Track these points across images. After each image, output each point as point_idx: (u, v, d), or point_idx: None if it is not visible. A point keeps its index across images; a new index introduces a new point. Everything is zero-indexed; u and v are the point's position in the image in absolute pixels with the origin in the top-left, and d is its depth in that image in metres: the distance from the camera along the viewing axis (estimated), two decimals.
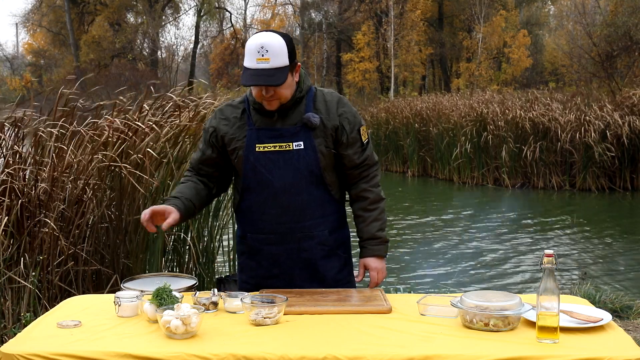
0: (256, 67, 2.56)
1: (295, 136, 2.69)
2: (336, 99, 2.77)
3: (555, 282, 2.13)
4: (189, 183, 2.83)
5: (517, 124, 14.11)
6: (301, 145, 2.69)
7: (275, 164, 2.70)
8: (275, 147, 2.70)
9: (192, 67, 39.85)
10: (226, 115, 2.78)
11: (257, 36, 2.61)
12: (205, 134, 2.82)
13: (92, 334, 2.22)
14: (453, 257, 8.37)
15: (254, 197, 2.77)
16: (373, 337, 2.18)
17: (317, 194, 2.75)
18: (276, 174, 2.71)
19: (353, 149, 2.76)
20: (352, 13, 37.67)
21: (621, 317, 5.00)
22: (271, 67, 2.56)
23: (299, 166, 2.70)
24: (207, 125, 2.83)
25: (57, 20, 38.62)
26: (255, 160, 2.71)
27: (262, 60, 2.55)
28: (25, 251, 4.08)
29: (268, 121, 2.71)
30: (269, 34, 2.60)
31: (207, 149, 2.82)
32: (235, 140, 2.74)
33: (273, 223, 2.75)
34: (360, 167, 2.79)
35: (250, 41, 2.60)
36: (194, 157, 2.88)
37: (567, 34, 29.52)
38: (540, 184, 13.82)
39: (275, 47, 2.56)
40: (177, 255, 4.99)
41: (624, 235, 9.76)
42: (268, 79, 2.56)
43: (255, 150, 2.71)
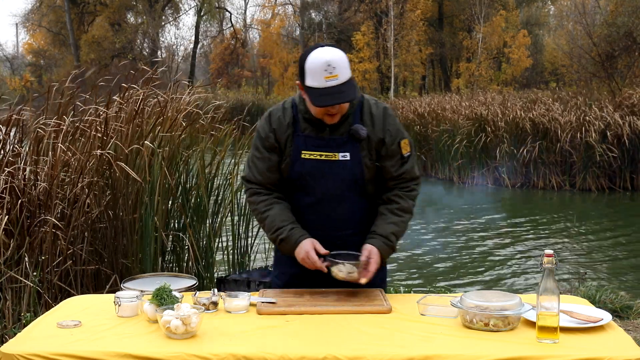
0: (326, 86, 2.52)
1: (342, 147, 2.69)
2: (382, 111, 2.75)
3: (555, 282, 2.13)
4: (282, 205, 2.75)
5: (517, 124, 14.11)
6: (347, 157, 2.69)
7: (320, 172, 2.70)
8: (322, 156, 2.69)
9: (192, 67, 39.85)
10: (278, 120, 2.74)
11: (319, 54, 2.54)
12: (262, 141, 2.75)
13: (92, 334, 2.22)
14: (453, 257, 8.37)
15: (296, 202, 2.78)
16: (373, 337, 2.19)
17: (358, 204, 2.77)
18: (320, 182, 2.71)
19: (392, 161, 2.75)
20: (352, 13, 37.66)
21: (621, 317, 5.00)
22: (340, 83, 2.53)
23: (344, 176, 2.71)
24: (264, 132, 2.75)
25: (57, 20, 38.63)
26: (300, 167, 2.71)
27: (330, 77, 2.51)
28: (25, 251, 4.08)
29: (317, 130, 2.71)
30: (330, 50, 2.55)
31: (271, 155, 2.75)
32: (285, 144, 2.73)
33: (312, 229, 2.74)
34: (397, 179, 2.78)
35: (312, 59, 2.54)
36: (258, 169, 2.77)
37: (567, 34, 29.52)
38: (540, 184, 13.82)
39: (340, 62, 2.53)
40: (176, 255, 4.99)
41: (624, 235, 9.76)
42: (342, 95, 2.54)
43: (301, 157, 2.71)
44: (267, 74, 42.86)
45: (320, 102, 2.56)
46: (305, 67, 2.55)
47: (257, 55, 43.60)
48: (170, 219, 4.96)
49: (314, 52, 2.55)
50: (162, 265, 4.79)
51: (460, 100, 17.51)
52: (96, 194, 4.43)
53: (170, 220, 4.96)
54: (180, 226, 4.96)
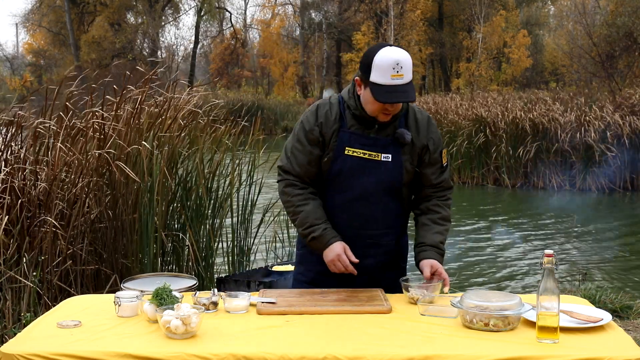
0: (392, 84, 2.57)
1: (385, 148, 2.73)
2: (426, 119, 2.82)
3: (555, 282, 2.13)
4: (317, 201, 2.78)
5: (517, 124, 14.11)
6: (389, 158, 2.73)
7: (360, 170, 2.74)
8: (365, 155, 2.73)
9: (192, 67, 39.84)
10: (325, 114, 2.76)
11: (388, 52, 2.58)
12: (308, 133, 2.75)
13: (92, 334, 2.22)
14: (453, 258, 8.37)
15: (330, 199, 2.80)
16: (373, 337, 2.19)
17: (391, 205, 2.81)
18: (359, 180, 2.75)
19: (432, 169, 2.82)
20: (352, 13, 37.66)
21: (621, 317, 5.00)
22: (405, 83, 2.58)
23: (383, 177, 2.75)
24: (309, 125, 2.76)
25: (57, 20, 38.64)
26: (342, 163, 2.74)
27: (396, 76, 2.56)
28: (25, 251, 4.08)
29: (364, 127, 2.73)
30: (399, 50, 2.59)
31: (314, 149, 2.76)
32: (330, 139, 2.75)
33: (343, 226, 2.78)
34: (436, 187, 2.85)
35: (382, 57, 2.58)
36: (298, 161, 2.77)
37: (567, 34, 29.51)
38: (540, 184, 13.81)
39: (407, 63, 2.58)
40: (176, 256, 4.99)
41: (624, 235, 9.76)
42: (405, 95, 2.59)
43: (344, 152, 2.73)
44: (267, 74, 42.86)
45: (384, 99, 2.60)
46: (374, 63, 2.58)
47: (257, 55, 43.60)
48: (170, 219, 4.96)
49: (383, 49, 2.60)
50: (162, 265, 4.79)
51: (461, 101, 17.49)
52: (96, 194, 4.43)
53: (170, 220, 4.96)
54: (181, 226, 4.96)
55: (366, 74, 2.62)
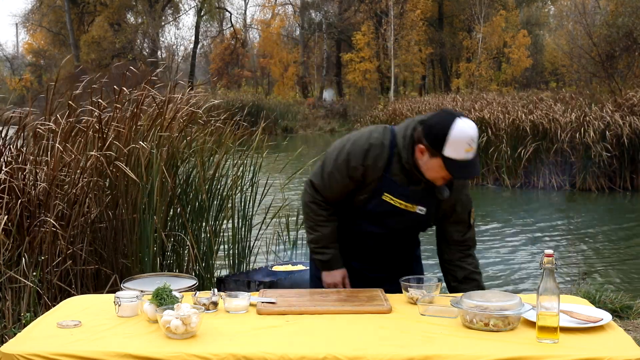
0: (464, 158, 2.57)
1: (421, 200, 2.78)
2: (461, 182, 2.86)
3: (555, 282, 2.13)
4: (334, 224, 2.88)
5: (518, 125, 14.11)
6: (423, 211, 2.80)
7: (393, 216, 2.80)
8: (401, 205, 2.77)
9: (192, 67, 39.86)
10: (374, 158, 2.73)
11: (464, 128, 2.56)
12: (351, 169, 2.75)
13: (92, 334, 2.22)
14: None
15: (357, 227, 2.88)
16: (373, 337, 2.19)
17: (412, 238, 3.02)
18: (389, 224, 2.83)
19: (458, 227, 2.88)
20: (352, 13, 37.67)
21: (621, 317, 5.00)
22: (474, 156, 2.61)
23: (412, 225, 2.86)
24: (355, 162, 2.73)
25: (57, 20, 38.66)
26: (376, 205, 2.78)
27: (469, 150, 2.57)
28: (25, 251, 4.08)
29: (408, 181, 2.74)
30: (471, 124, 2.59)
31: (350, 184, 2.78)
32: (371, 182, 2.77)
33: (364, 249, 2.93)
34: (461, 245, 2.92)
35: (459, 132, 2.55)
36: (331, 189, 2.82)
37: (567, 34, 29.52)
38: (540, 184, 13.81)
39: (477, 135, 2.60)
40: (176, 255, 4.99)
41: (624, 235, 9.75)
42: (475, 168, 2.64)
43: (381, 197, 2.76)
44: (267, 74, 42.87)
45: (460, 174, 2.64)
46: (449, 137, 2.55)
47: (257, 55, 43.61)
48: (170, 219, 4.96)
49: (458, 124, 2.56)
50: (162, 265, 4.79)
51: (463, 102, 17.48)
52: (96, 194, 4.43)
53: (170, 220, 4.96)
54: (181, 226, 4.95)
55: (437, 147, 2.58)
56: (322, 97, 36.92)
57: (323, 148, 26.61)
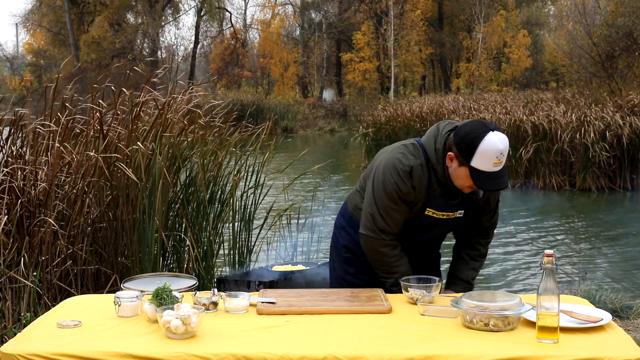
0: (492, 170, 2.60)
1: (460, 206, 2.84)
2: None
3: (555, 282, 2.13)
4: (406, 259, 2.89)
5: (518, 125, 14.11)
6: (462, 214, 2.86)
7: (436, 226, 2.88)
8: (443, 216, 2.84)
9: (192, 67, 39.86)
10: (419, 178, 2.77)
11: (495, 141, 2.57)
12: (403, 196, 2.77)
13: (92, 334, 2.22)
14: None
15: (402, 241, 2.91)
16: (373, 337, 2.19)
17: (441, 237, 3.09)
18: (430, 233, 2.94)
19: (487, 215, 2.97)
20: (352, 13, 37.68)
21: (621, 317, 5.00)
22: (502, 169, 2.63)
23: (448, 228, 2.96)
24: (405, 188, 2.76)
25: (57, 20, 38.65)
26: (420, 221, 2.85)
27: (497, 164, 2.59)
28: (25, 251, 4.08)
29: (447, 194, 2.79)
30: (502, 136, 2.60)
31: (406, 207, 2.81)
32: (418, 201, 2.81)
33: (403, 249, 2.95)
34: (487, 229, 3.02)
35: (488, 145, 2.56)
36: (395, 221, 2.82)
37: (567, 34, 29.52)
38: (540, 184, 13.80)
39: (507, 150, 2.61)
40: (176, 256, 4.99)
41: (624, 235, 9.75)
42: (502, 181, 2.65)
43: (425, 213, 2.82)
44: (267, 74, 42.86)
45: (486, 187, 2.65)
46: (479, 149, 2.57)
47: (257, 55, 43.60)
48: (171, 219, 4.95)
49: (489, 136, 2.56)
50: (162, 265, 4.79)
51: (464, 102, 17.46)
52: (96, 194, 4.43)
53: (171, 220, 4.96)
54: (182, 226, 4.95)
55: (466, 157, 2.60)
56: (322, 97, 36.94)
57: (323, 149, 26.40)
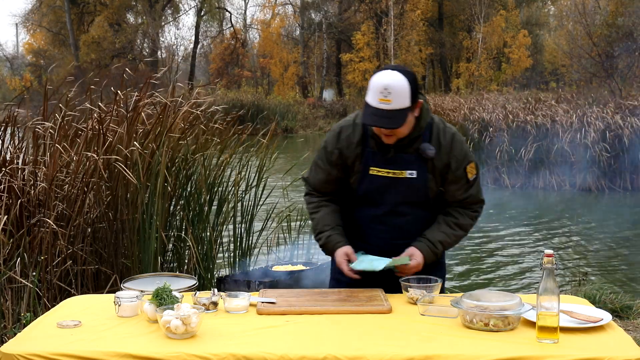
0: (378, 107, 2.56)
1: (409, 165, 2.74)
2: (450, 136, 2.78)
3: (555, 282, 2.13)
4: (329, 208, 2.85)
5: (518, 125, 14.11)
6: (414, 174, 2.74)
7: (386, 188, 2.76)
8: (389, 173, 2.74)
9: (192, 67, 39.87)
10: (347, 138, 2.76)
11: (383, 75, 2.58)
12: (328, 155, 2.80)
13: (92, 334, 2.22)
14: (453, 257, 8.37)
15: (363, 214, 2.85)
16: (373, 337, 2.19)
17: (421, 215, 2.83)
18: (386, 197, 2.78)
19: (457, 185, 2.79)
20: (352, 13, 37.67)
21: (621, 317, 5.00)
22: (392, 109, 2.56)
23: (409, 193, 2.77)
24: (330, 147, 2.79)
25: (57, 20, 38.64)
26: (368, 183, 2.77)
27: (384, 101, 2.54)
28: (24, 251, 4.08)
29: (381, 145, 2.73)
30: (394, 74, 2.57)
31: (332, 170, 2.81)
32: (354, 162, 2.77)
33: (377, 237, 2.84)
34: (462, 203, 2.83)
35: (375, 78, 2.59)
36: (317, 178, 2.86)
37: (567, 34, 29.51)
38: (541, 184, 13.81)
39: (398, 89, 2.55)
40: (177, 255, 4.99)
41: (624, 235, 9.75)
42: (387, 121, 2.58)
43: (369, 172, 2.75)
44: (267, 74, 42.86)
45: (365, 120, 2.62)
46: (369, 84, 2.60)
47: (257, 55, 43.60)
48: (172, 219, 4.95)
49: (381, 72, 2.61)
50: (162, 265, 4.79)
51: (463, 102, 17.47)
52: (96, 194, 4.43)
53: (172, 220, 4.96)
54: (182, 226, 4.95)
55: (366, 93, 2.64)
56: (322, 97, 36.94)
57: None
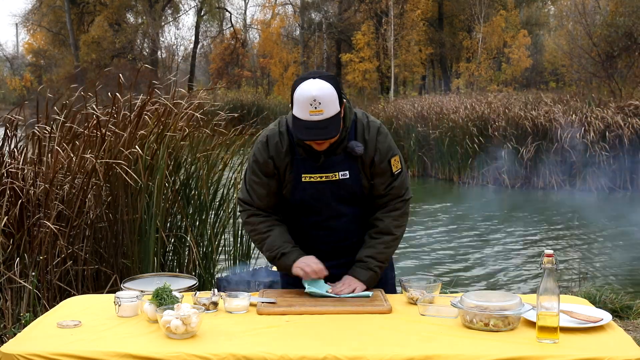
0: (310, 119, 2.50)
1: (340, 165, 2.69)
2: (375, 130, 2.72)
3: (555, 282, 2.13)
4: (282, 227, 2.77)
5: (518, 124, 14.11)
6: (347, 175, 2.69)
7: (321, 193, 2.71)
8: (322, 178, 2.69)
9: (192, 67, 39.85)
10: (275, 146, 2.70)
11: (307, 86, 2.51)
12: (262, 166, 2.71)
13: (92, 334, 2.22)
14: (453, 257, 8.37)
15: (301, 222, 2.79)
16: (373, 337, 2.19)
17: (359, 212, 2.78)
18: (322, 202, 2.73)
19: (382, 178, 2.73)
20: (352, 13, 37.66)
21: (621, 317, 5.00)
22: (325, 118, 2.50)
23: (344, 194, 2.72)
24: (262, 158, 2.71)
25: (57, 20, 38.62)
26: (302, 190, 2.71)
27: (315, 112, 2.49)
28: (24, 251, 4.08)
29: (311, 152, 2.68)
30: (318, 83, 2.51)
31: (270, 181, 2.73)
32: (285, 170, 2.71)
33: (319, 242, 2.79)
34: (385, 197, 2.75)
35: (300, 91, 2.52)
36: (257, 194, 2.75)
37: (567, 34, 29.49)
38: (540, 184, 13.81)
39: (327, 98, 2.49)
40: (177, 255, 4.99)
41: (624, 235, 9.75)
42: (324, 131, 2.52)
43: (302, 180, 2.70)
44: (267, 74, 42.85)
45: (302, 136, 2.55)
46: (294, 98, 2.53)
47: (257, 55, 43.59)
48: (172, 219, 4.95)
49: (304, 83, 2.52)
50: (162, 265, 4.79)
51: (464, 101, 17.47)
52: (95, 194, 4.43)
53: (172, 220, 4.96)
54: (182, 226, 4.95)
55: (292, 108, 2.57)
56: None
57: None
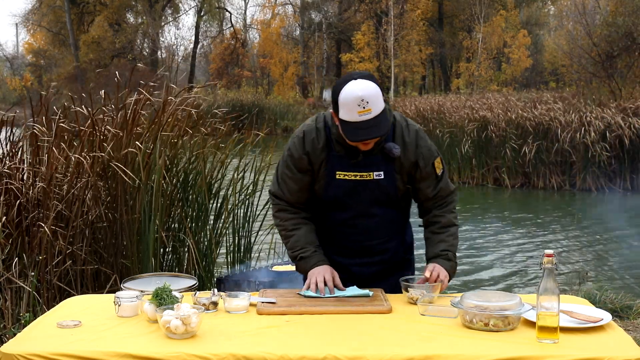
0: (360, 120, 2.49)
1: (376, 165, 2.69)
2: (414, 133, 2.73)
3: (555, 282, 2.13)
4: (308, 226, 2.79)
5: (518, 124, 14.10)
6: (381, 175, 2.70)
7: (354, 191, 2.72)
8: (356, 176, 2.70)
9: (192, 67, 39.87)
10: (312, 142, 2.70)
11: (351, 88, 2.49)
12: (296, 161, 2.72)
13: (92, 334, 2.22)
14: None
15: (332, 218, 2.80)
16: (373, 337, 2.19)
17: (390, 215, 2.81)
18: (355, 200, 2.74)
19: (427, 182, 2.76)
20: (352, 13, 37.67)
21: (621, 317, 5.00)
22: (374, 116, 2.49)
23: (378, 194, 2.73)
24: (297, 153, 2.72)
25: (57, 20, 38.63)
26: (335, 188, 2.72)
27: (364, 112, 2.47)
28: (23, 251, 4.07)
29: (350, 153, 2.68)
30: (361, 83, 2.49)
31: (303, 177, 2.74)
32: (319, 167, 2.72)
33: (348, 240, 2.82)
34: (434, 199, 2.80)
35: (345, 94, 2.49)
36: (288, 189, 2.77)
37: (567, 34, 29.48)
38: (540, 184, 13.81)
39: (373, 95, 2.48)
40: (176, 255, 4.99)
41: (624, 235, 9.75)
42: (376, 129, 2.51)
43: (336, 177, 2.70)
44: (267, 74, 42.86)
45: (354, 137, 2.54)
46: (339, 101, 2.52)
47: (257, 55, 43.59)
48: (171, 219, 4.95)
49: (347, 85, 2.51)
50: (162, 265, 4.79)
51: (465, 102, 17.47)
52: (95, 194, 4.43)
53: (171, 220, 4.96)
54: (182, 226, 4.95)
55: (336, 111, 2.57)
56: (322, 97, 36.94)
57: None
